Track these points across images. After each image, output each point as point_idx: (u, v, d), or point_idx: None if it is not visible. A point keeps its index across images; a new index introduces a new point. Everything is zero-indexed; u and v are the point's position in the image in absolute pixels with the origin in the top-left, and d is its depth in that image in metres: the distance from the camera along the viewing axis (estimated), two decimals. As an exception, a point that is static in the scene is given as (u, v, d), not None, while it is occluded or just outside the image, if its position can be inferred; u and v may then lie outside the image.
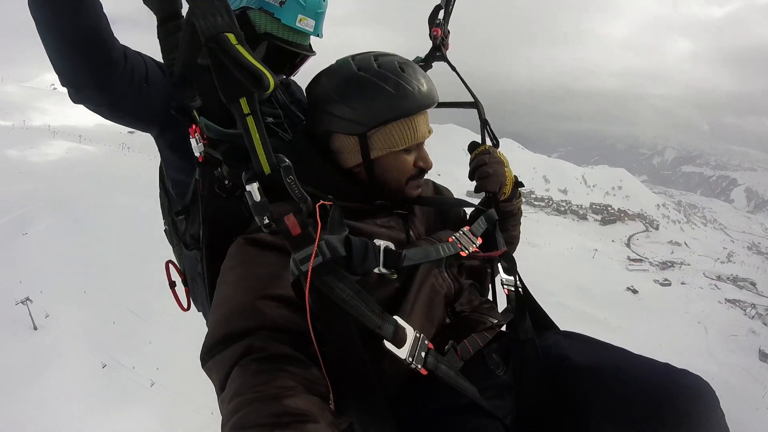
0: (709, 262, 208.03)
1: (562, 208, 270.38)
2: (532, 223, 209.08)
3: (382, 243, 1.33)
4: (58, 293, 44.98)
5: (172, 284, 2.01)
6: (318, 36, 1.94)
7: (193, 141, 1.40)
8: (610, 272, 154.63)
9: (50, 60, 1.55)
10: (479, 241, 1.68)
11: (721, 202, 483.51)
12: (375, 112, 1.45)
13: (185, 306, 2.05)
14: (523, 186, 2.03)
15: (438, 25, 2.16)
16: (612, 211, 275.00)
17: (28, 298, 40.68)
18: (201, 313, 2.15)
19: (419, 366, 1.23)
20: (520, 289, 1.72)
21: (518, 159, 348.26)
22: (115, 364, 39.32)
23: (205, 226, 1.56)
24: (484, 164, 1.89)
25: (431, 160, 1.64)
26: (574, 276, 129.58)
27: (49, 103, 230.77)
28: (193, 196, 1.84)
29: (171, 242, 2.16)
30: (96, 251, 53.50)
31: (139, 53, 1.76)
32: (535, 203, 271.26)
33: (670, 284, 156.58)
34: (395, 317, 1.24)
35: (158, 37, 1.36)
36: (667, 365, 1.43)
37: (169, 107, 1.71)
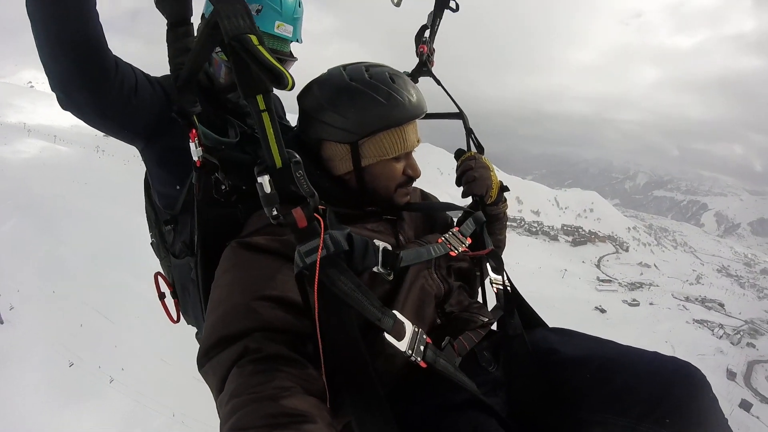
0: (677, 284, 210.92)
1: (534, 229, 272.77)
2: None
3: (380, 243, 1.36)
4: (24, 292, 43.68)
5: (162, 296, 2.01)
6: (298, 41, 1.98)
7: (192, 145, 1.42)
8: (579, 292, 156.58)
9: (43, 63, 1.57)
10: (468, 241, 1.73)
11: (691, 226, 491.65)
12: (367, 122, 1.49)
13: (175, 318, 2.06)
14: (509, 191, 2.09)
15: (424, 43, 2.29)
16: (583, 232, 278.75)
17: None
18: (188, 324, 2.18)
19: (419, 359, 1.25)
20: (508, 288, 1.76)
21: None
22: (80, 362, 38.28)
23: (200, 231, 1.57)
24: (471, 169, 1.96)
25: (420, 168, 1.70)
26: (543, 294, 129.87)
27: (25, 101, 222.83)
28: (184, 204, 1.85)
29: (158, 255, 2.16)
30: (63, 254, 51.91)
31: (130, 65, 1.79)
32: (507, 224, 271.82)
33: (638, 304, 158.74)
34: (394, 311, 1.25)
35: (167, 41, 1.38)
36: (655, 353, 1.45)
37: (154, 121, 1.78)
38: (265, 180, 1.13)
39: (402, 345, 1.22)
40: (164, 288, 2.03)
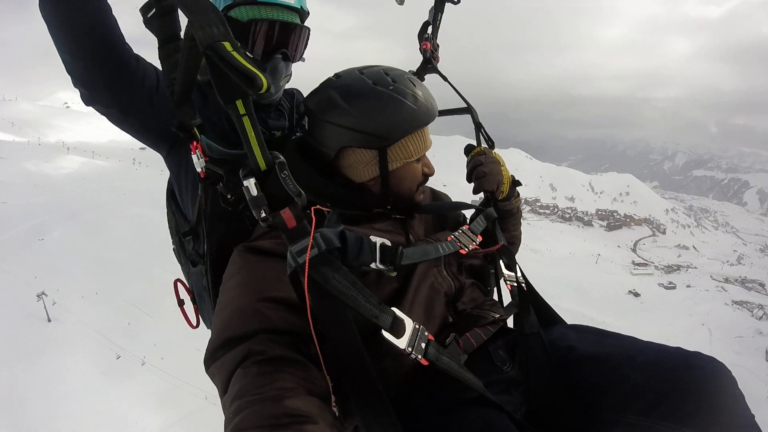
0: (717, 265, 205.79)
1: (567, 215, 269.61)
2: (535, 230, 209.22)
3: (378, 239, 1.35)
4: (71, 292, 48.34)
5: (181, 303, 2.02)
6: (302, 9, 1.90)
7: (194, 157, 1.42)
8: (612, 276, 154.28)
9: (62, 61, 1.60)
10: (479, 239, 1.71)
11: (733, 205, 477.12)
12: (398, 126, 1.50)
13: (194, 324, 2.06)
14: (521, 185, 2.06)
15: (427, 39, 2.25)
16: (618, 216, 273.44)
17: (43, 293, 44.19)
18: (207, 328, 2.13)
19: (419, 356, 1.22)
20: (522, 284, 1.73)
21: (524, 168, 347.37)
22: (123, 352, 42.95)
23: (209, 241, 1.61)
24: (481, 164, 1.94)
25: (433, 166, 1.72)
26: (574, 279, 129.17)
27: (63, 121, 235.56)
28: (199, 213, 1.83)
29: (179, 261, 2.18)
30: (107, 256, 56.43)
31: (153, 65, 1.80)
32: (540, 211, 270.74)
33: (674, 287, 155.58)
34: (393, 308, 1.23)
35: (159, 59, 1.40)
36: (678, 349, 1.41)
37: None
38: (251, 183, 1.14)
39: (401, 342, 1.20)
40: (183, 294, 2.08)
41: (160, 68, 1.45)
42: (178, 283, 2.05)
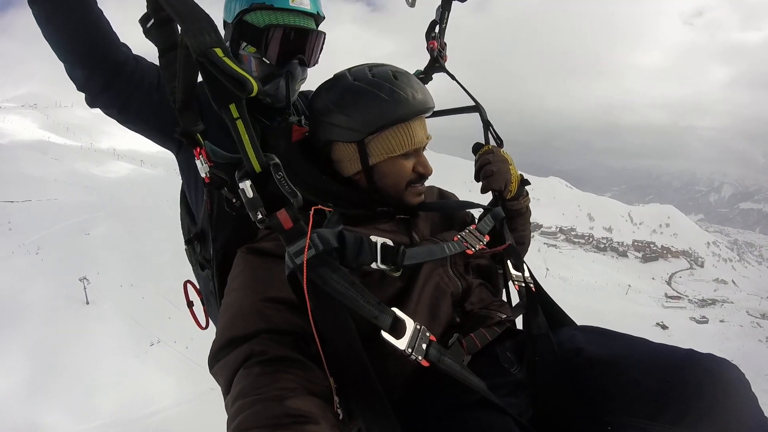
0: (755, 300, 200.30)
1: (602, 245, 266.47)
2: (566, 258, 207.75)
3: (379, 239, 1.34)
4: (110, 280, 55.27)
5: (190, 304, 2.02)
6: (318, 14, 1.88)
7: (198, 162, 1.42)
8: (641, 308, 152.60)
9: (65, 69, 1.66)
10: (486, 238, 1.70)
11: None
12: (370, 119, 1.50)
13: (203, 325, 2.06)
14: (530, 184, 2.05)
15: (434, 38, 2.26)
16: (654, 248, 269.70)
17: (85, 277, 51.20)
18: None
19: (420, 357, 1.20)
20: (531, 285, 1.71)
21: (562, 197, 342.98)
22: (151, 337, 49.67)
23: (215, 245, 1.64)
24: (489, 163, 1.92)
25: (431, 166, 1.68)
26: (598, 309, 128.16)
27: (114, 128, 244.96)
28: (204, 218, 1.80)
29: (190, 261, 2.16)
30: (144, 253, 63.37)
31: (154, 65, 1.80)
32: (575, 240, 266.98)
33: (707, 321, 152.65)
34: (394, 309, 1.21)
35: (160, 67, 1.41)
36: (690, 351, 1.36)
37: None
38: (246, 185, 1.14)
39: (401, 343, 1.18)
40: (193, 296, 2.05)
41: None
42: (188, 285, 2.04)
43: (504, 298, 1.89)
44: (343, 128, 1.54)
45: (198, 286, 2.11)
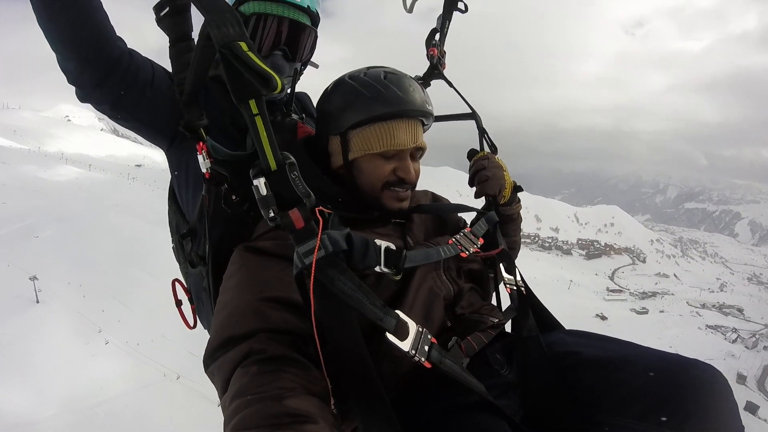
0: (696, 292, 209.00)
1: (547, 244, 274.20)
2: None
3: (383, 243, 1.34)
4: (58, 282, 55.39)
5: (179, 303, 1.96)
6: (311, 9, 1.85)
7: (200, 158, 1.41)
8: (582, 301, 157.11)
9: (57, 60, 1.60)
10: (480, 242, 1.71)
11: (724, 237, 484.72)
12: (351, 114, 1.54)
13: (191, 324, 2.00)
14: (522, 190, 2.06)
15: (434, 46, 2.28)
16: (598, 245, 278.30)
17: (35, 276, 51.14)
18: (204, 329, 2.14)
19: (422, 359, 1.21)
20: (522, 288, 1.73)
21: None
22: (99, 334, 50.01)
23: (210, 242, 1.59)
24: (483, 168, 1.93)
25: (415, 174, 1.66)
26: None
27: (63, 132, 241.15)
28: (200, 213, 1.73)
29: (178, 260, 2.13)
30: (92, 255, 63.23)
31: (149, 60, 1.77)
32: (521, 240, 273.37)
33: (647, 312, 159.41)
34: (397, 311, 1.22)
35: (170, 58, 1.39)
36: (677, 355, 1.40)
37: (175, 122, 1.57)
38: (260, 182, 1.13)
39: (405, 345, 1.19)
40: (182, 295, 1.98)
41: (158, 65, 1.49)
42: (176, 284, 1.98)
43: (493, 302, 1.91)
44: (331, 121, 1.58)
45: (186, 285, 2.09)
